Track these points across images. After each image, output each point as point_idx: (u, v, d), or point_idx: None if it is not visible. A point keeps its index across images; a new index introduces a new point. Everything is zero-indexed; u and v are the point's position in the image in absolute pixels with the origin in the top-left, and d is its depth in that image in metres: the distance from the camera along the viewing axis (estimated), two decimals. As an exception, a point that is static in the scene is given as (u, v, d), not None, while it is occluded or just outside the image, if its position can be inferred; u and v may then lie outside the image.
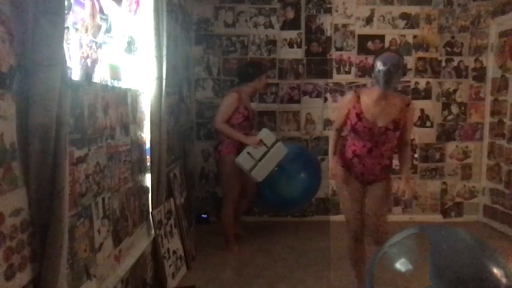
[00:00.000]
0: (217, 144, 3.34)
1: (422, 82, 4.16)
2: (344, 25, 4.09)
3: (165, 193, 2.68)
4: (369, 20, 4.09)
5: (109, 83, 1.90)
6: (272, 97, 4.13)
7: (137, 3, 2.31)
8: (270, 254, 3.33)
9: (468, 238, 1.51)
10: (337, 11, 4.08)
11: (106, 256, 1.81)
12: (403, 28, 4.10)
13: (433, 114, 4.20)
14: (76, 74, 1.56)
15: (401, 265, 1.51)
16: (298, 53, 4.10)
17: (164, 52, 2.47)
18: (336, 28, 4.09)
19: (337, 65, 4.13)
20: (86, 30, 1.64)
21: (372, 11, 4.08)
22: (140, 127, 2.39)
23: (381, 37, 4.10)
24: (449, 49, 4.14)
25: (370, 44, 4.10)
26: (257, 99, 4.07)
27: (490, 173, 4.10)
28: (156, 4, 2.36)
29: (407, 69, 2.11)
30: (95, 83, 1.73)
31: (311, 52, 4.10)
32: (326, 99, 4.14)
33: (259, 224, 4.06)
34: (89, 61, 1.66)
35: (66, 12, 1.23)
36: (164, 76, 2.49)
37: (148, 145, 2.46)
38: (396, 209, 4.23)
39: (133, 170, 2.22)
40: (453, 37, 4.12)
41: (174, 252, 2.75)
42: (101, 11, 1.77)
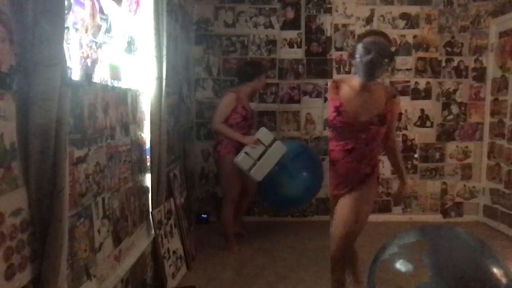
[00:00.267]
0: (216, 144, 3.34)
1: (422, 82, 4.16)
2: (344, 25, 4.09)
3: (165, 193, 2.68)
4: (369, 20, 4.09)
5: (109, 83, 1.90)
6: (272, 97, 4.13)
7: (137, 3, 2.31)
8: (270, 254, 3.33)
9: (468, 238, 1.51)
10: (337, 11, 4.08)
11: (106, 256, 1.81)
12: (403, 28, 4.10)
13: (433, 114, 4.20)
14: (76, 74, 1.56)
15: (401, 265, 1.51)
16: (298, 53, 4.10)
17: (164, 52, 2.47)
18: (336, 28, 4.09)
19: (337, 65, 4.13)
20: (86, 30, 1.64)
21: (372, 11, 4.08)
22: (140, 127, 2.39)
23: (381, 37, 4.09)
24: (449, 49, 4.14)
25: (370, 44, 4.10)
26: (257, 99, 4.07)
27: (490, 173, 4.10)
28: (156, 4, 2.36)
29: (395, 55, 1.79)
30: (95, 83, 1.73)
31: (311, 52, 4.10)
32: (326, 99, 4.14)
33: (259, 224, 4.06)
34: (89, 61, 1.67)
35: (66, 12, 1.23)
36: (164, 76, 2.49)
37: (148, 145, 2.46)
38: (396, 209, 4.24)
39: (133, 170, 2.22)
40: (453, 37, 4.12)
41: (174, 252, 2.75)
42: (101, 11, 1.77)
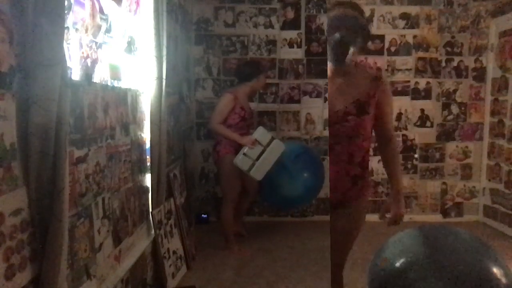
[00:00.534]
0: (215, 144, 3.34)
1: (422, 82, 4.16)
2: (344, 25, 4.09)
3: (165, 193, 2.68)
4: (369, 20, 4.08)
5: (109, 83, 1.90)
6: (272, 97, 4.13)
7: (137, 3, 2.31)
8: (270, 254, 3.33)
9: (468, 238, 1.51)
10: (337, 11, 4.08)
11: (106, 256, 1.81)
12: (403, 28, 4.10)
13: (433, 114, 4.20)
14: (76, 74, 1.56)
15: (401, 265, 1.51)
16: (298, 53, 4.10)
17: (164, 52, 2.47)
18: (336, 28, 4.09)
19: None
20: (86, 30, 1.64)
21: (372, 11, 4.08)
22: (140, 127, 2.39)
23: (381, 37, 4.10)
24: (449, 49, 4.14)
25: (370, 44, 4.10)
26: (257, 99, 4.07)
27: (490, 173, 4.10)
28: (156, 4, 2.36)
29: (369, 31, 1.68)
30: (95, 83, 1.73)
31: (311, 52, 4.10)
32: (326, 99, 4.14)
33: (259, 224, 4.06)
34: (89, 61, 1.67)
35: (66, 12, 1.23)
36: (164, 76, 2.48)
37: (148, 145, 2.46)
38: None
39: (133, 170, 2.22)
40: (453, 37, 4.12)
41: (174, 252, 2.75)
42: (101, 11, 1.77)
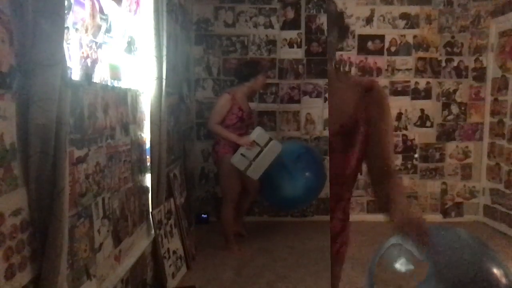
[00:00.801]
0: (214, 144, 3.34)
1: (422, 82, 4.16)
2: (344, 25, 4.09)
3: (165, 193, 2.68)
4: (369, 20, 4.09)
5: (109, 83, 1.90)
6: (272, 97, 4.13)
7: (137, 3, 2.31)
8: (270, 254, 3.33)
9: (468, 238, 1.51)
10: (337, 11, 4.07)
11: (106, 256, 1.81)
12: (403, 28, 4.09)
13: (433, 114, 4.20)
14: (76, 74, 1.56)
15: (401, 265, 1.51)
16: (298, 53, 4.10)
17: (164, 52, 2.47)
18: (336, 28, 4.09)
19: (337, 65, 4.13)
20: (86, 30, 1.64)
21: (372, 11, 4.08)
22: (140, 127, 2.39)
23: (381, 37, 4.10)
24: (449, 49, 4.14)
25: (370, 44, 4.10)
26: (257, 99, 4.06)
27: (490, 173, 4.10)
28: (156, 4, 2.36)
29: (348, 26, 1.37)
30: (95, 83, 1.73)
31: (311, 52, 4.10)
32: (326, 99, 4.14)
33: (259, 224, 4.05)
34: (89, 61, 1.66)
35: (66, 12, 1.23)
36: (164, 76, 2.49)
37: (148, 145, 2.46)
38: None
39: (133, 170, 2.22)
40: (453, 37, 4.12)
41: (174, 252, 2.75)
42: (101, 11, 1.77)
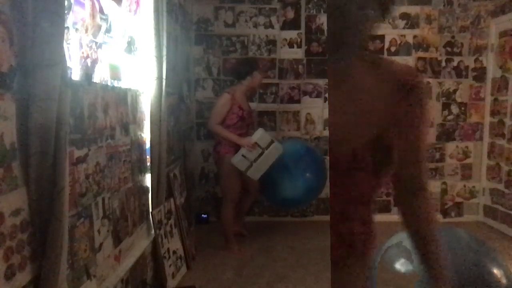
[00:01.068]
0: (216, 144, 3.33)
1: (422, 82, 4.16)
2: (344, 25, 4.09)
3: (165, 193, 2.68)
4: None
5: (109, 83, 1.90)
6: (272, 97, 4.13)
7: (137, 3, 2.31)
8: (270, 254, 3.33)
9: (468, 238, 1.51)
10: (337, 11, 4.07)
11: (106, 256, 1.81)
12: (403, 28, 4.09)
13: (433, 114, 4.19)
14: (76, 74, 1.56)
15: (401, 265, 1.51)
16: (298, 53, 4.10)
17: (164, 52, 2.47)
18: (336, 28, 4.09)
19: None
20: (86, 30, 1.64)
21: (372, 11, 4.07)
22: (140, 127, 2.39)
23: (381, 37, 4.10)
24: (449, 49, 4.14)
25: (370, 44, 4.10)
26: (257, 99, 4.07)
27: (490, 173, 4.10)
28: (156, 4, 2.36)
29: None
30: (95, 83, 1.73)
31: (311, 52, 4.10)
32: (326, 99, 4.14)
33: (259, 224, 4.05)
34: (89, 61, 1.67)
35: (66, 12, 1.23)
36: (164, 76, 2.49)
37: (148, 145, 2.46)
38: (396, 209, 4.24)
39: (133, 170, 2.22)
40: (453, 37, 4.12)
41: (174, 252, 2.75)
42: (101, 11, 1.77)
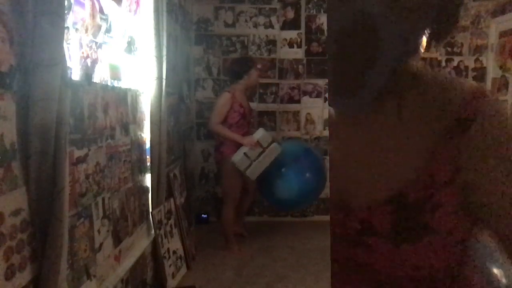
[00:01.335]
0: (218, 145, 3.32)
1: (422, 82, 4.15)
2: (344, 25, 4.09)
3: (165, 193, 2.68)
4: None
5: (109, 83, 1.90)
6: (272, 97, 4.13)
7: (137, 3, 2.31)
8: (270, 254, 3.33)
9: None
10: (337, 11, 4.07)
11: (106, 256, 1.81)
12: (403, 28, 4.09)
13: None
14: (76, 74, 1.56)
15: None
16: (298, 53, 4.10)
17: (164, 52, 2.47)
18: (336, 28, 4.08)
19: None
20: (86, 30, 1.64)
21: (372, 11, 4.07)
22: (140, 127, 2.39)
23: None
24: (449, 49, 4.14)
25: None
26: (257, 99, 4.07)
27: (490, 173, 4.09)
28: (156, 4, 2.36)
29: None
30: (95, 83, 1.73)
31: (311, 52, 4.10)
32: (326, 99, 4.14)
33: (259, 224, 4.05)
34: (89, 61, 1.67)
35: (66, 12, 1.23)
36: (164, 76, 2.49)
37: (148, 145, 2.46)
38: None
39: (133, 170, 2.22)
40: (453, 37, 4.12)
41: (174, 252, 2.75)
42: (101, 11, 1.77)
